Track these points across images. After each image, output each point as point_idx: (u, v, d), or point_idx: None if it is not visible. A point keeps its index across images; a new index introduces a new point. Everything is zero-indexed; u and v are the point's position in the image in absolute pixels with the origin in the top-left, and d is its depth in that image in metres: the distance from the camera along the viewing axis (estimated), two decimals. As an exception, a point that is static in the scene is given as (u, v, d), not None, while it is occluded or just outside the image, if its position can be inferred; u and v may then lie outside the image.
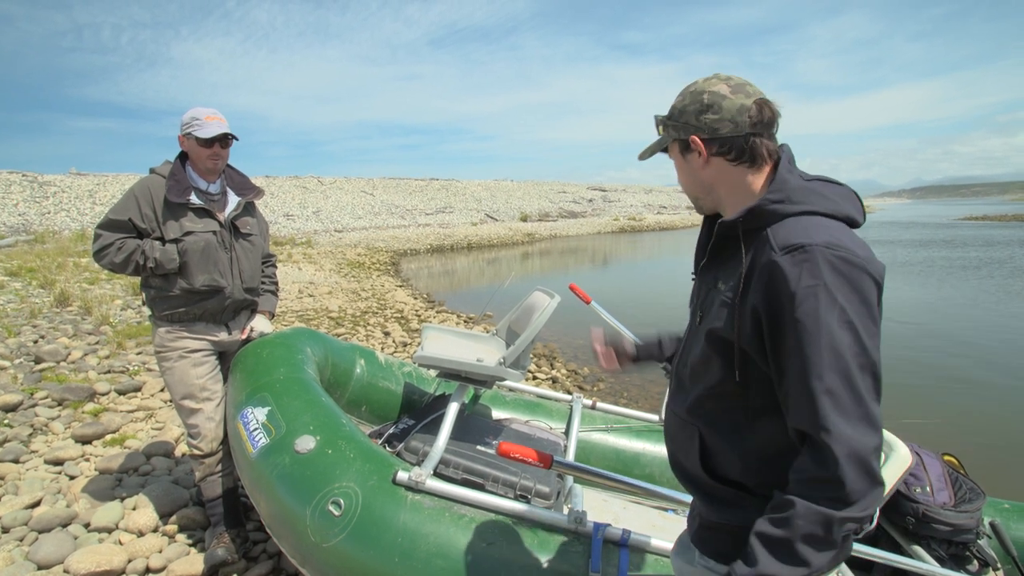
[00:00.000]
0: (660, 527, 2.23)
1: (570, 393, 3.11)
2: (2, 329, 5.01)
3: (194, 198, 2.14)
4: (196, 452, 2.25)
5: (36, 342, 4.82)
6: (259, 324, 2.44)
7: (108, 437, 3.26)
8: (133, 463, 2.91)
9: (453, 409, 2.18)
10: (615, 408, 2.86)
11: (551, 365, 6.08)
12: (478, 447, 2.28)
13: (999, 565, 1.86)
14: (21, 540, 2.30)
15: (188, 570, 2.19)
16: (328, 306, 8.17)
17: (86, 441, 3.20)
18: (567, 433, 2.66)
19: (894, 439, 1.75)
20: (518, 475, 2.07)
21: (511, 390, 2.98)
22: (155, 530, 2.43)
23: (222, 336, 2.32)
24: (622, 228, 29.94)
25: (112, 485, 2.72)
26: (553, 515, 1.67)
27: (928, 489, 1.87)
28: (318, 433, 1.85)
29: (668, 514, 2.41)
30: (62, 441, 3.19)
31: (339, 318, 7.51)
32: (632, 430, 2.75)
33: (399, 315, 7.99)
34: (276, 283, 2.59)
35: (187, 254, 2.12)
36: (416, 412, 2.62)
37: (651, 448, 2.69)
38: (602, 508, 2.35)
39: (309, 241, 17.99)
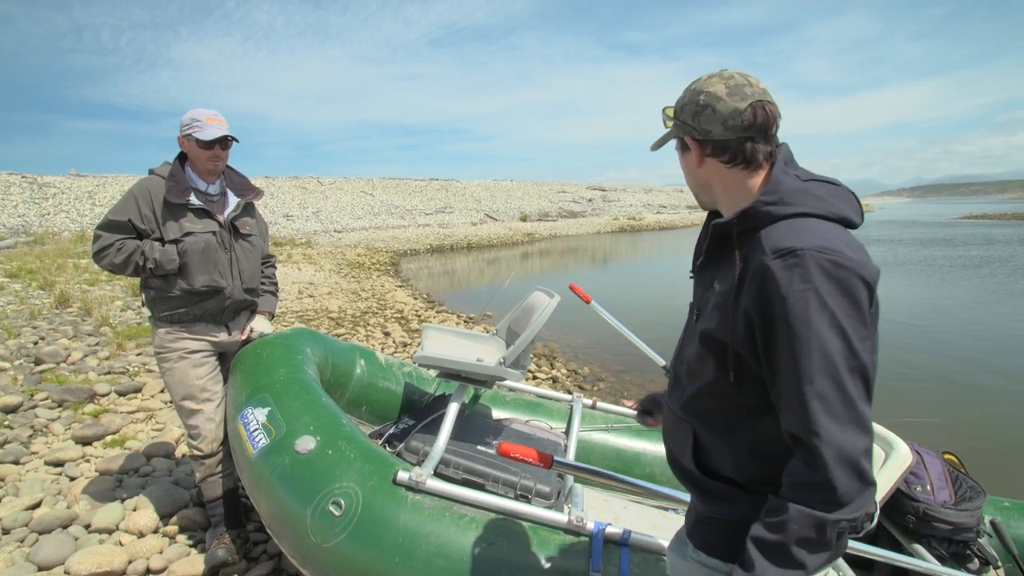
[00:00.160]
0: (661, 526, 2.23)
1: (570, 393, 3.11)
2: (2, 331, 5.01)
3: (193, 199, 2.15)
4: (196, 453, 2.25)
5: (36, 343, 4.82)
6: (259, 325, 2.44)
7: (108, 438, 3.26)
8: (133, 464, 2.91)
9: (453, 409, 2.18)
10: (615, 408, 2.85)
11: (551, 365, 6.08)
12: (478, 447, 2.28)
13: (1000, 563, 1.86)
14: (22, 541, 2.30)
15: (189, 571, 2.19)
16: (328, 306, 8.17)
17: (86, 442, 3.20)
18: (567, 433, 2.66)
19: (894, 438, 1.75)
20: (518, 475, 2.07)
21: (511, 390, 2.97)
22: (156, 531, 2.43)
23: (222, 337, 2.32)
24: (622, 228, 29.93)
25: (112, 486, 2.72)
26: (554, 515, 1.67)
27: (928, 488, 1.87)
28: (318, 433, 1.85)
29: (669, 513, 2.41)
30: (62, 442, 3.19)
31: (339, 318, 7.51)
32: (632, 430, 2.75)
33: (399, 315, 7.99)
34: (276, 284, 2.59)
35: (187, 255, 2.12)
36: (416, 412, 2.62)
37: (651, 447, 2.69)
38: (603, 508, 2.35)
39: (309, 241, 17.98)
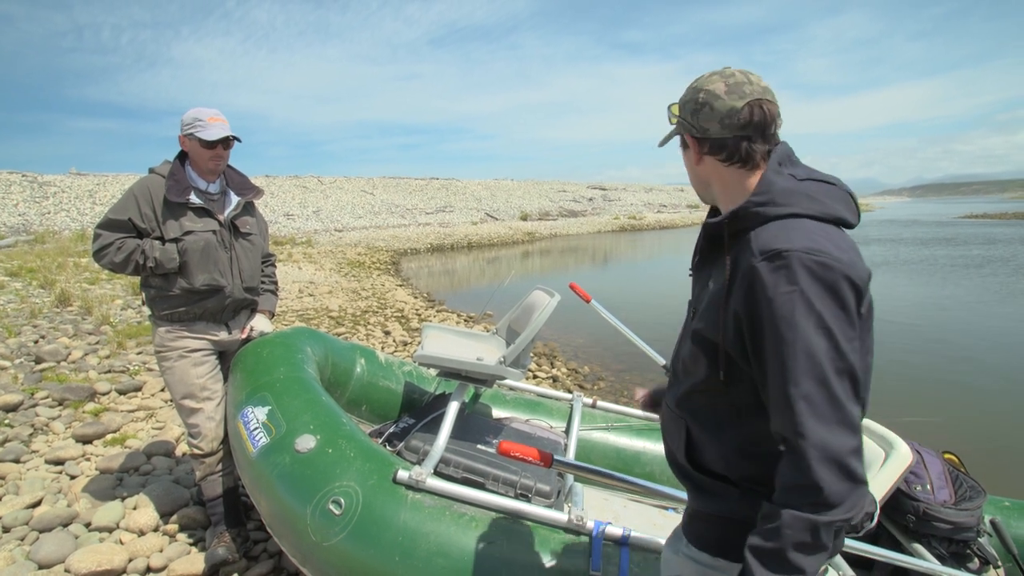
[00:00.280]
0: (661, 525, 2.23)
1: (570, 392, 3.11)
2: (3, 329, 5.01)
3: (194, 198, 2.14)
4: (196, 451, 2.25)
5: (36, 342, 4.82)
6: (259, 323, 2.44)
7: (109, 437, 3.26)
8: (134, 463, 2.91)
9: (453, 408, 2.18)
10: (615, 407, 2.85)
11: (551, 364, 6.08)
12: (478, 446, 2.28)
13: (1000, 563, 1.86)
14: (22, 540, 2.31)
15: (189, 569, 2.19)
16: (328, 305, 8.18)
17: (87, 441, 3.20)
18: (567, 432, 2.66)
19: (894, 437, 1.75)
20: (518, 474, 2.07)
21: (511, 389, 2.97)
22: (156, 529, 2.43)
23: (222, 335, 2.32)
24: (622, 227, 29.92)
25: (113, 485, 2.72)
26: (554, 514, 1.67)
27: (929, 487, 1.87)
28: (318, 432, 1.85)
29: (669, 512, 2.41)
30: (63, 441, 3.19)
31: (339, 317, 7.51)
32: (632, 429, 2.75)
33: (399, 314, 7.99)
34: (276, 282, 2.59)
35: (187, 253, 2.12)
36: (416, 411, 2.62)
37: (651, 447, 2.69)
38: (603, 507, 2.35)
39: (309, 240, 17.99)
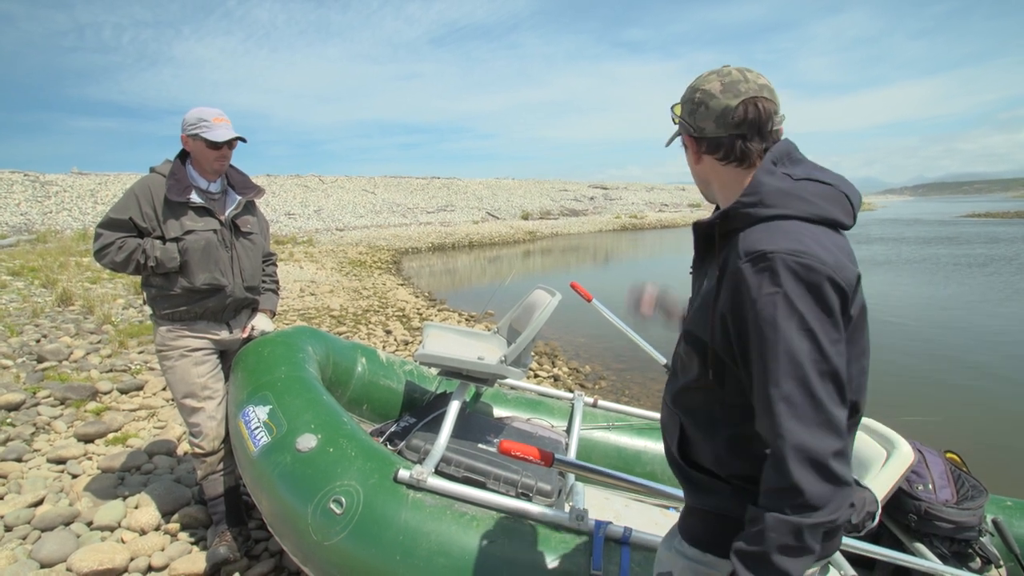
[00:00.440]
0: (662, 525, 2.22)
1: (571, 391, 3.11)
2: (4, 328, 5.02)
3: (194, 197, 2.14)
4: (198, 451, 2.25)
5: (38, 341, 4.83)
6: (260, 323, 2.44)
7: (110, 436, 3.26)
8: (135, 462, 2.91)
9: (454, 407, 2.17)
10: (616, 406, 2.85)
11: (552, 363, 6.08)
12: (479, 445, 2.28)
13: (1002, 562, 1.85)
14: (24, 539, 2.31)
15: (190, 568, 2.19)
16: (329, 304, 8.18)
17: (88, 440, 3.20)
18: (568, 431, 2.66)
19: (896, 436, 1.74)
20: (519, 473, 2.07)
21: (512, 388, 2.97)
22: (157, 528, 2.43)
23: (223, 335, 2.32)
24: (623, 226, 29.90)
25: (114, 484, 2.73)
26: (555, 513, 1.67)
27: (930, 487, 1.86)
28: (319, 431, 1.85)
29: (670, 512, 2.41)
30: (64, 440, 3.20)
31: (340, 316, 7.52)
32: (633, 428, 2.75)
33: (400, 313, 7.99)
34: (277, 282, 2.59)
35: (188, 253, 2.12)
36: (417, 410, 2.63)
37: (652, 446, 2.69)
38: (604, 506, 2.35)
39: (310, 240, 18.00)
